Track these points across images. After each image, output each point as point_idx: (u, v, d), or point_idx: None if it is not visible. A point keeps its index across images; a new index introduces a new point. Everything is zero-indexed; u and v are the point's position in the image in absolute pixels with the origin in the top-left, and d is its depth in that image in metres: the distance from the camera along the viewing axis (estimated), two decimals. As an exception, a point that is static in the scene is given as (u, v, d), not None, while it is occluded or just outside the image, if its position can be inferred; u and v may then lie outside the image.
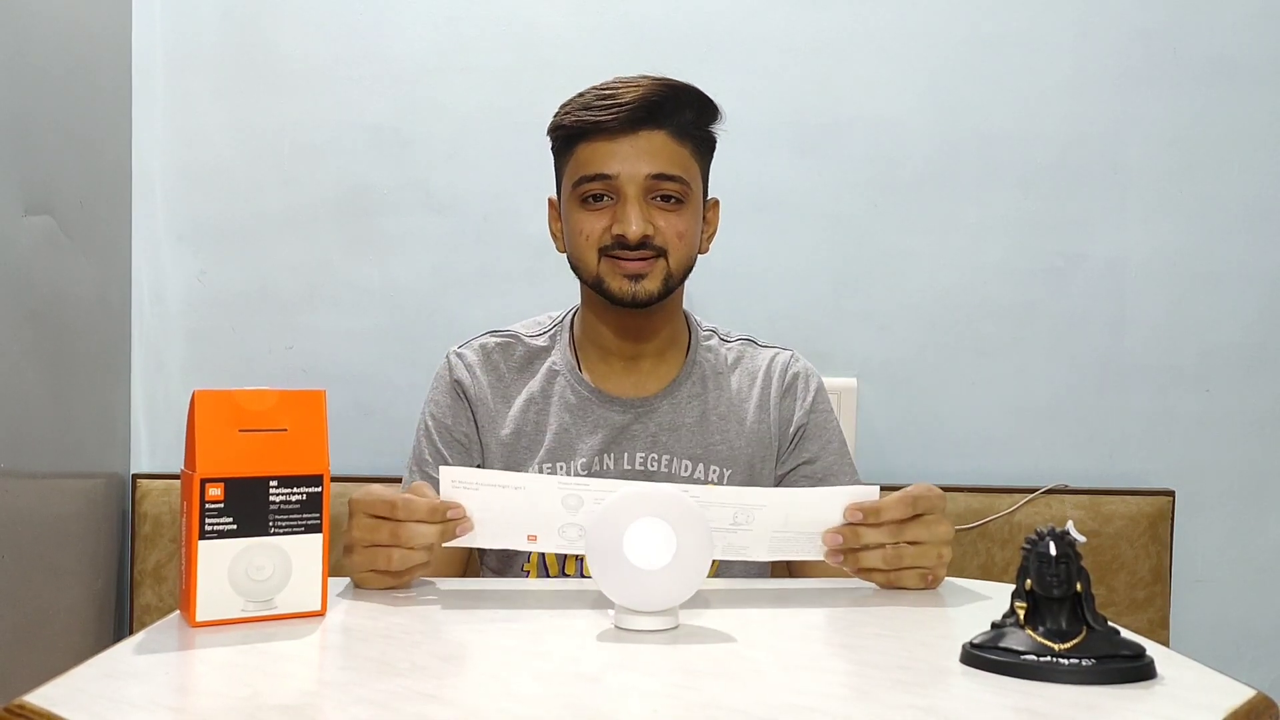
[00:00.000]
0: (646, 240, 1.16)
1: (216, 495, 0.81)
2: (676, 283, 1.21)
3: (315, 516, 0.85)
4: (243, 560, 0.82)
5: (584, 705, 0.64)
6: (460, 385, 1.26)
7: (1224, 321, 1.81)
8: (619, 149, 1.16)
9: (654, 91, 1.16)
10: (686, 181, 1.18)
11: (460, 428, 1.25)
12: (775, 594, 1.01)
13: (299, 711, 0.62)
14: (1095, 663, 0.68)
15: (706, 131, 1.23)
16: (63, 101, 1.54)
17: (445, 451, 1.24)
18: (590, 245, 1.19)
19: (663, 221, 1.17)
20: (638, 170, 1.16)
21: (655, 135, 1.17)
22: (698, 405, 1.25)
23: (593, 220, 1.18)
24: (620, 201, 1.17)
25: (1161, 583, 1.72)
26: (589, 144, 1.17)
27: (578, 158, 1.19)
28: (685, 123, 1.19)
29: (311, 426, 0.85)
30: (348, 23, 1.77)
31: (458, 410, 1.26)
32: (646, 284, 1.18)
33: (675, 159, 1.18)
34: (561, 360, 1.27)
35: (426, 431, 1.26)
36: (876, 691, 0.67)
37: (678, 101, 1.18)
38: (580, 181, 1.18)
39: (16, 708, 0.61)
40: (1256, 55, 1.79)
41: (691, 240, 1.21)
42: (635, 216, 1.15)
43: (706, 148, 1.24)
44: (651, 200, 1.17)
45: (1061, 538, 0.71)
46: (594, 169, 1.17)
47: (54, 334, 1.52)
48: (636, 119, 1.15)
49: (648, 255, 1.17)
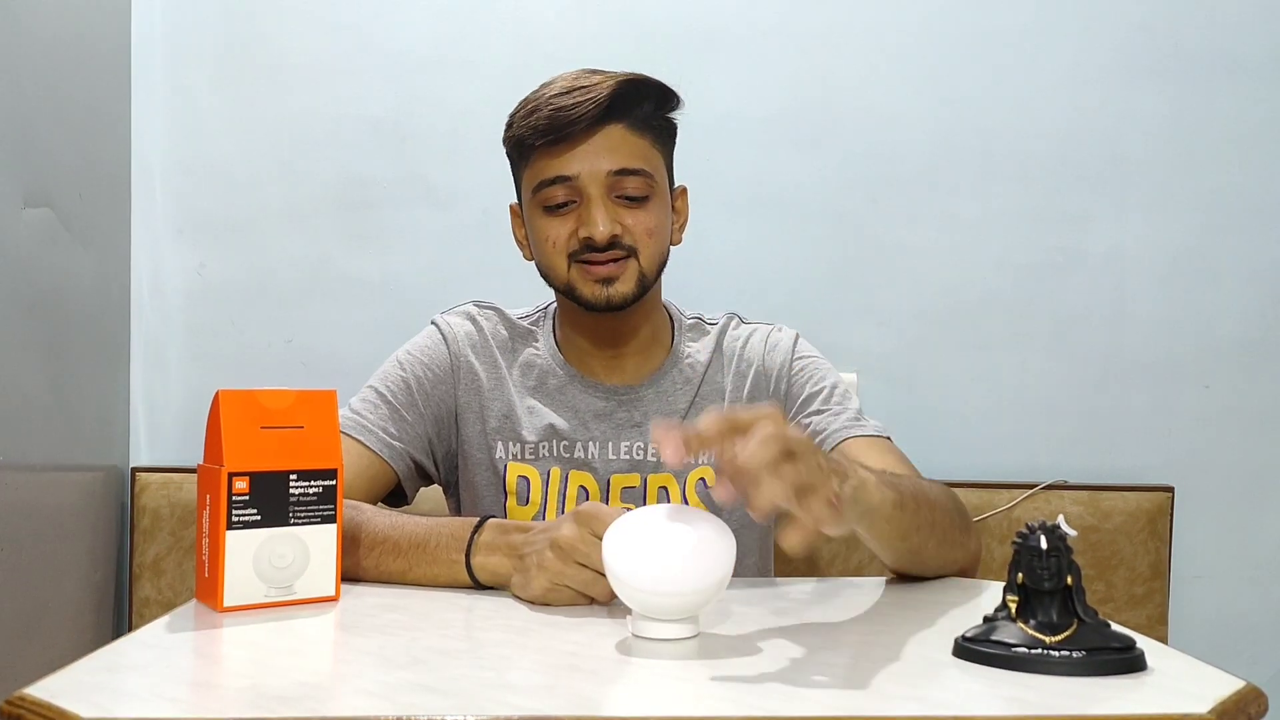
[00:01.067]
0: (615, 240, 1.13)
1: (242, 488, 0.86)
2: (651, 281, 1.18)
3: (330, 508, 0.90)
4: (266, 549, 0.87)
5: (582, 697, 0.65)
6: (455, 360, 1.22)
7: (1223, 317, 1.81)
8: (577, 149, 1.13)
9: (609, 90, 1.12)
10: (650, 174, 1.15)
11: (436, 402, 1.21)
12: (771, 590, 1.02)
13: (298, 703, 0.62)
14: (1086, 654, 0.69)
15: (666, 120, 1.19)
16: (62, 94, 1.54)
17: (405, 414, 1.18)
18: (559, 252, 1.15)
19: (630, 219, 1.14)
20: (598, 168, 1.13)
21: (614, 130, 1.13)
22: (685, 394, 1.23)
23: (557, 226, 1.15)
24: (584, 203, 1.14)
25: (1160, 578, 1.72)
26: (546, 149, 1.14)
27: (535, 164, 1.16)
28: (644, 114, 1.15)
29: (326, 423, 0.91)
30: (347, 16, 1.77)
31: (439, 379, 1.21)
32: (619, 286, 1.15)
33: (636, 152, 1.14)
34: (545, 346, 1.25)
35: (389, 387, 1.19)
36: (870, 683, 0.68)
37: (635, 95, 1.14)
38: (540, 187, 1.15)
39: (18, 700, 0.62)
40: (1257, 50, 1.79)
41: (662, 235, 1.17)
42: (601, 217, 1.12)
43: (667, 136, 1.20)
44: (616, 199, 1.14)
45: (1052, 531, 0.72)
46: (553, 172, 1.14)
47: (53, 327, 1.52)
48: (593, 118, 1.12)
49: (618, 256, 1.14)
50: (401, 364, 1.22)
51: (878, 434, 1.18)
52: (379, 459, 1.15)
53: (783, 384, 1.24)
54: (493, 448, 1.21)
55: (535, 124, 1.13)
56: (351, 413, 1.18)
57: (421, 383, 1.21)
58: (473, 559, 0.94)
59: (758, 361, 1.25)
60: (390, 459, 1.16)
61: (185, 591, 1.68)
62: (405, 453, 1.18)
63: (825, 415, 1.19)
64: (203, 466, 0.88)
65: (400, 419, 1.18)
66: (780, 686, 0.67)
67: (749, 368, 1.25)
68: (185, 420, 1.78)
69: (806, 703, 0.64)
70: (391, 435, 1.17)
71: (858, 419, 1.19)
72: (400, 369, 1.22)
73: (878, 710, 0.63)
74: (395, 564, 0.97)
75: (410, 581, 0.97)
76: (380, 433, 1.16)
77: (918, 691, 0.67)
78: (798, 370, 1.24)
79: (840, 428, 1.17)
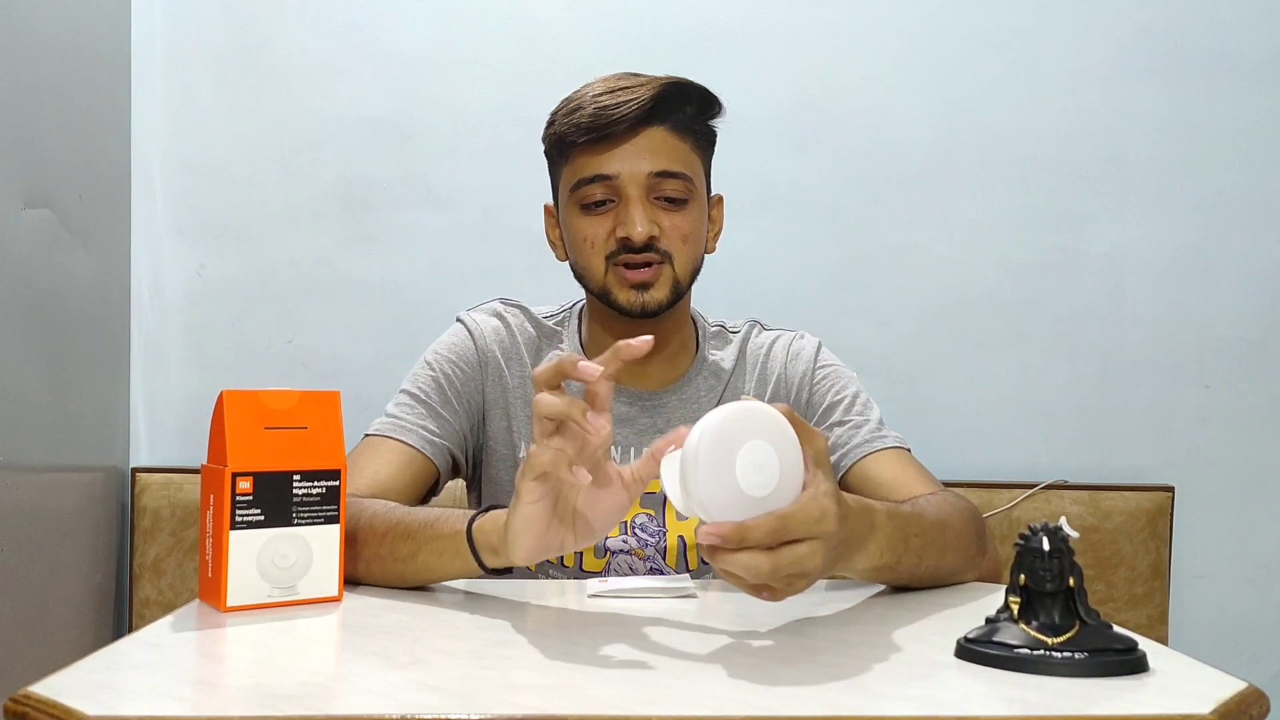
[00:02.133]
0: (652, 243, 1.13)
1: (246, 488, 0.86)
2: (685, 288, 1.17)
3: (334, 508, 0.90)
4: (269, 549, 0.87)
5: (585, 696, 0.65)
6: (484, 356, 1.21)
7: (1223, 317, 1.81)
8: (618, 149, 1.12)
9: (653, 91, 1.12)
10: (689, 178, 1.15)
11: (467, 398, 1.20)
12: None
13: (302, 701, 0.62)
14: (1088, 656, 0.69)
15: (707, 126, 1.19)
16: (62, 95, 1.54)
17: (441, 411, 1.18)
18: (596, 252, 1.15)
19: (667, 222, 1.13)
20: (639, 169, 1.12)
21: (655, 132, 1.13)
22: (710, 401, 1.23)
23: (595, 225, 1.14)
24: (622, 203, 1.13)
25: (1160, 578, 1.73)
26: (586, 147, 1.14)
27: (575, 162, 1.15)
28: (686, 118, 1.16)
29: (329, 424, 0.91)
30: (347, 17, 1.78)
31: (469, 376, 1.21)
32: (654, 293, 1.14)
33: (677, 155, 1.14)
34: (570, 347, 1.24)
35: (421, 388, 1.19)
36: (873, 684, 0.68)
37: (678, 98, 1.14)
38: (579, 185, 1.14)
39: (23, 698, 0.62)
40: (1257, 51, 1.80)
41: (697, 241, 1.17)
42: (639, 217, 1.12)
43: (707, 142, 1.21)
44: (655, 200, 1.14)
45: (1054, 533, 0.72)
46: (593, 170, 1.13)
47: (53, 328, 1.52)
48: (635, 119, 1.12)
49: (653, 260, 1.13)
50: (430, 364, 1.21)
51: (898, 445, 1.18)
52: (421, 455, 1.14)
53: (804, 394, 1.24)
54: (517, 446, 1.21)
55: (578, 121, 1.13)
56: (388, 418, 1.18)
57: (452, 380, 1.20)
58: (475, 524, 0.89)
59: (779, 370, 1.25)
60: (433, 455, 1.15)
61: (186, 592, 1.68)
62: (445, 448, 1.17)
63: (846, 428, 1.19)
64: (206, 467, 0.88)
65: (437, 415, 1.18)
66: (782, 686, 0.67)
67: (771, 375, 1.25)
68: (185, 421, 1.78)
69: (808, 702, 0.64)
70: (431, 432, 1.16)
71: (879, 431, 1.19)
72: (430, 369, 1.21)
73: (879, 710, 0.63)
74: (405, 546, 0.93)
75: (418, 567, 0.93)
76: (420, 431, 1.16)
77: (920, 692, 0.67)
78: (820, 379, 1.24)
79: (861, 442, 1.17)
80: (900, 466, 1.14)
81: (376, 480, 1.10)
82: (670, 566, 1.19)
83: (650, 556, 1.18)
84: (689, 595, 0.95)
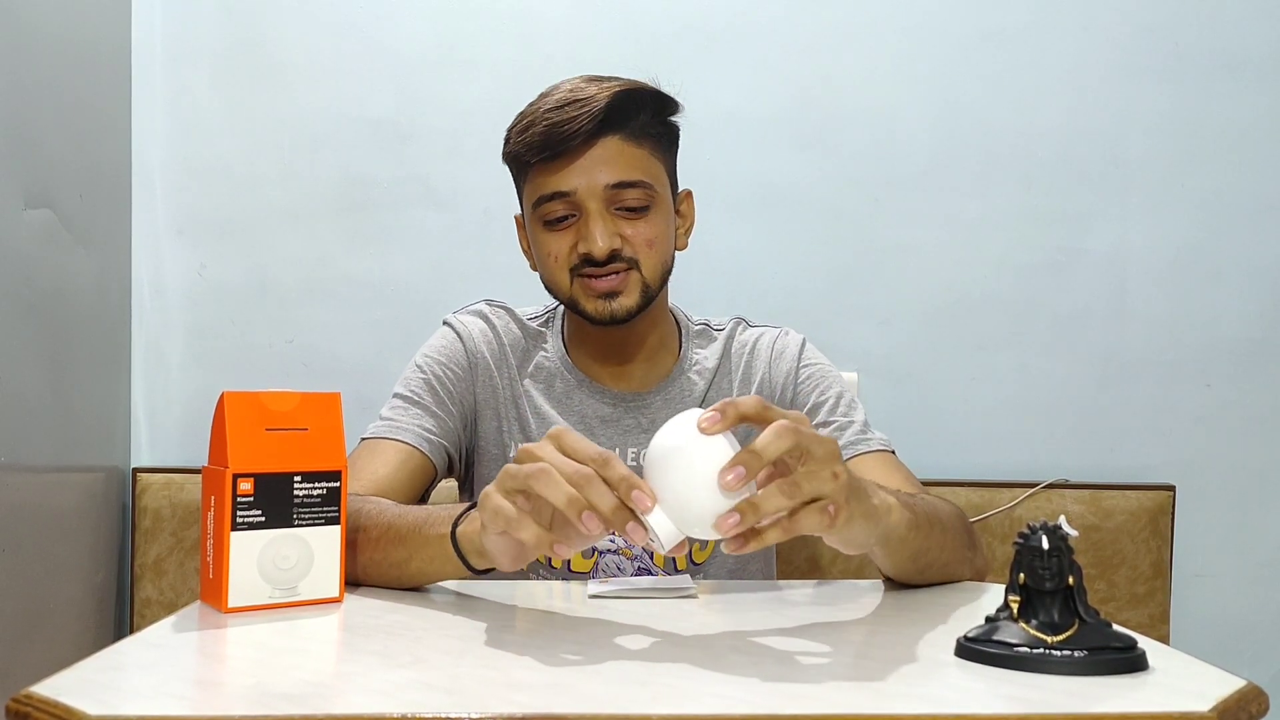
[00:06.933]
0: (616, 254, 1.12)
1: (247, 490, 0.86)
2: (655, 291, 1.17)
3: (334, 509, 0.90)
4: (270, 550, 0.87)
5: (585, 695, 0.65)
6: (473, 358, 1.22)
7: (1225, 316, 1.81)
8: (574, 164, 1.11)
9: (605, 101, 1.10)
10: (649, 184, 1.14)
11: (459, 399, 1.21)
12: (774, 592, 1.02)
13: (304, 700, 0.62)
14: (1087, 654, 0.69)
15: (666, 125, 1.18)
16: (62, 95, 1.55)
17: (435, 410, 1.18)
18: (560, 266, 1.15)
19: (630, 230, 1.13)
20: (596, 182, 1.11)
21: (610, 142, 1.12)
22: (693, 401, 1.23)
23: (558, 241, 1.14)
24: (583, 217, 1.13)
25: (1162, 577, 1.73)
26: (543, 165, 1.13)
27: (534, 180, 1.15)
28: (641, 123, 1.14)
29: (329, 426, 0.91)
30: (348, 16, 1.78)
31: (459, 378, 1.22)
32: (623, 300, 1.14)
33: (634, 163, 1.13)
34: (554, 349, 1.25)
35: (413, 390, 1.20)
36: (873, 682, 0.68)
37: (631, 105, 1.13)
38: (539, 202, 1.14)
39: (24, 698, 0.62)
40: (1258, 50, 1.80)
41: (664, 245, 1.16)
42: (600, 232, 1.11)
43: (668, 142, 1.19)
44: (616, 212, 1.13)
45: (1054, 531, 0.72)
46: (551, 188, 1.13)
47: (54, 328, 1.52)
48: (589, 132, 1.10)
49: (619, 269, 1.13)
50: (421, 367, 1.22)
51: (883, 448, 1.17)
52: (419, 453, 1.15)
53: (789, 392, 1.23)
54: (507, 446, 1.21)
55: (530, 140, 1.13)
56: (383, 421, 1.18)
57: (443, 381, 1.21)
58: (458, 530, 0.88)
59: (764, 368, 1.25)
60: (430, 453, 1.16)
61: (187, 592, 1.68)
62: (442, 446, 1.18)
63: (830, 429, 1.18)
64: (207, 468, 0.89)
65: (432, 414, 1.18)
66: (782, 686, 0.67)
67: (755, 374, 1.24)
68: (186, 421, 1.78)
69: (808, 701, 0.64)
70: (427, 430, 1.17)
71: (863, 432, 1.18)
72: (420, 372, 1.22)
73: (879, 708, 0.63)
74: (399, 552, 0.93)
75: (412, 572, 0.93)
76: (417, 430, 1.16)
77: (919, 690, 0.67)
78: (804, 379, 1.24)
79: (845, 444, 1.16)
80: (885, 470, 1.13)
81: (376, 481, 1.10)
82: (659, 566, 1.19)
83: (638, 555, 1.18)
84: (689, 595, 0.96)
